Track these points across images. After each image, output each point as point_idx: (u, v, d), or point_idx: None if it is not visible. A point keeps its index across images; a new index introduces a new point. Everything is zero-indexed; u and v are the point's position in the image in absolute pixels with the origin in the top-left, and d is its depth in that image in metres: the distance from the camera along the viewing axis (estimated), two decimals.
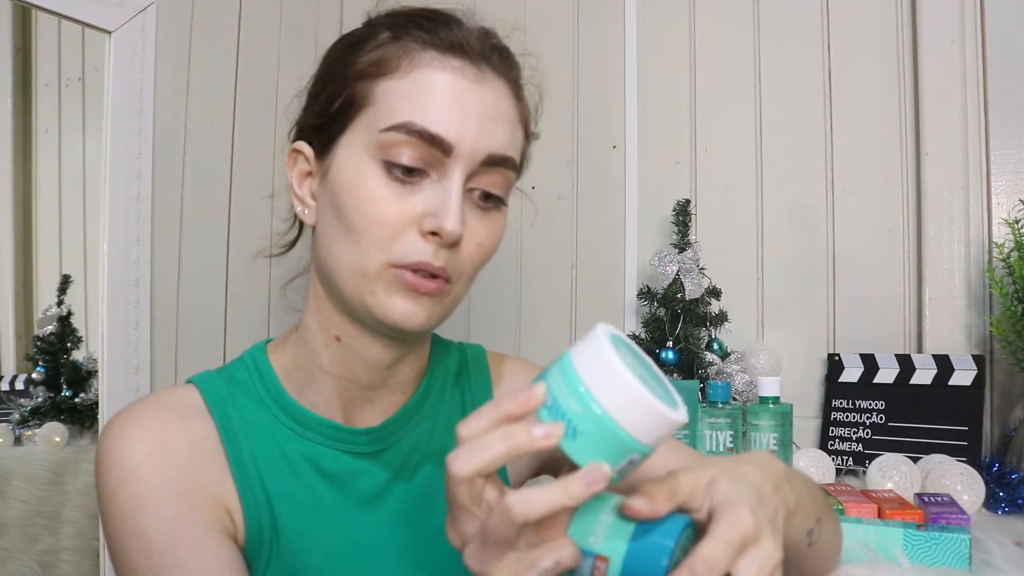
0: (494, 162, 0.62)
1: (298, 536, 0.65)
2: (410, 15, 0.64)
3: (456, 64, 0.61)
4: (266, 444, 0.66)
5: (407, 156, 0.60)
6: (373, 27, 0.65)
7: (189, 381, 0.68)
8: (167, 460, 0.60)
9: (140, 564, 0.58)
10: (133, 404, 0.64)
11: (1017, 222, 1.17)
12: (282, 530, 0.64)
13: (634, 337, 1.41)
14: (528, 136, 0.70)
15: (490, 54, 0.64)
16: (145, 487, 0.59)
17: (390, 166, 0.60)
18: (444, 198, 0.60)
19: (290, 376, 0.69)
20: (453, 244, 0.61)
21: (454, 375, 0.77)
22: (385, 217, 0.60)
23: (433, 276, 0.61)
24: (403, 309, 0.61)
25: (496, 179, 0.64)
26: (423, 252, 0.60)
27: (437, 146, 0.59)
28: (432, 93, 0.60)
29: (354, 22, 0.70)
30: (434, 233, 0.60)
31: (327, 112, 0.64)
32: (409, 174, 0.60)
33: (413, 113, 0.59)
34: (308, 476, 0.66)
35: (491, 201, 0.64)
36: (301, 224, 0.73)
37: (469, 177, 0.62)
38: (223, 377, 0.69)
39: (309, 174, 0.67)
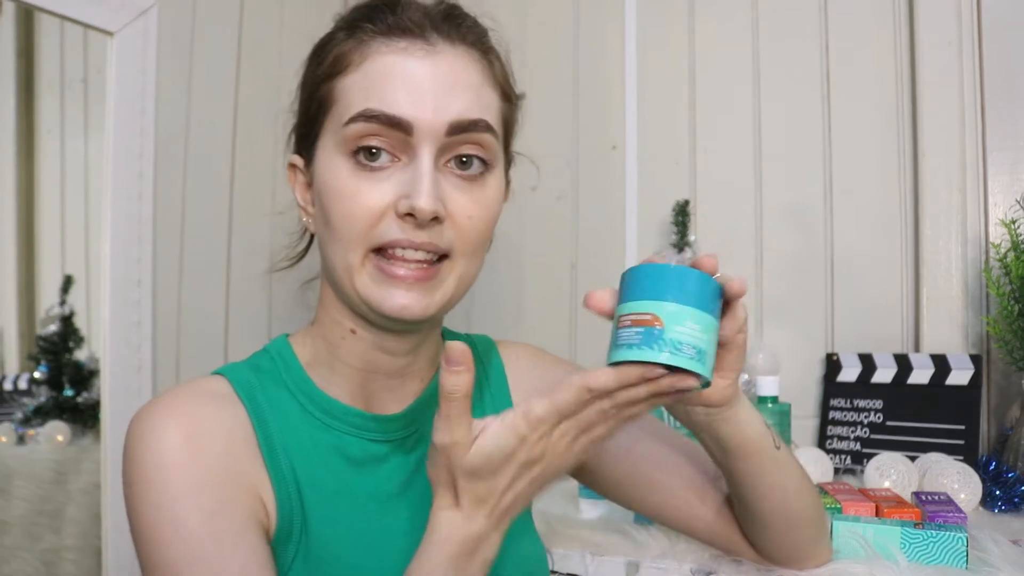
0: (461, 129, 0.61)
1: (326, 525, 0.65)
2: (359, 7, 0.66)
3: (402, 44, 0.62)
4: (295, 432, 0.66)
5: (371, 143, 0.60)
6: (334, 28, 0.67)
7: (215, 373, 0.68)
8: (205, 448, 0.59)
9: (176, 555, 0.57)
10: (164, 394, 0.63)
11: (1014, 222, 1.18)
12: (310, 519, 0.64)
13: None
14: (510, 98, 0.69)
15: (438, 24, 0.63)
16: (182, 476, 0.58)
17: (356, 157, 0.61)
18: (414, 178, 0.60)
19: (313, 368, 0.69)
20: (433, 220, 0.60)
21: None
22: (360, 208, 0.60)
23: (417, 262, 0.61)
24: (396, 302, 0.61)
25: (470, 147, 0.63)
26: (399, 231, 0.60)
27: (397, 127, 0.60)
28: (383, 78, 0.61)
29: None
30: (409, 214, 0.60)
31: (305, 120, 0.66)
32: (377, 161, 0.61)
33: (368, 100, 0.60)
34: (336, 465, 0.67)
35: (471, 168, 0.63)
36: (311, 235, 0.74)
37: (441, 152, 0.62)
38: (249, 366, 0.69)
39: (308, 185, 0.68)
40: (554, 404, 0.52)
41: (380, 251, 0.61)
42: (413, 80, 0.61)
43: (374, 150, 0.61)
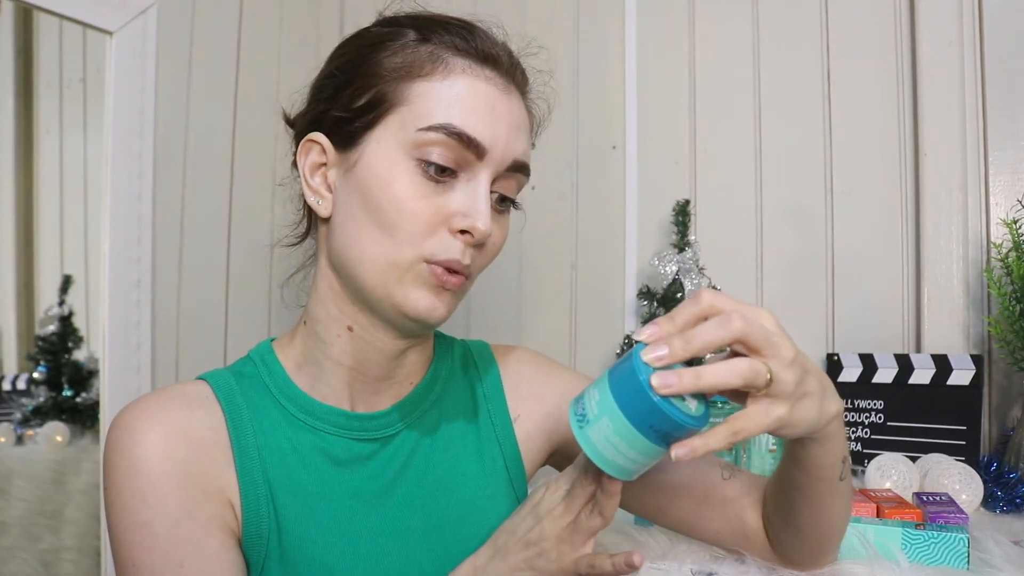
0: (517, 168, 0.67)
1: (303, 526, 0.65)
2: (440, 21, 0.67)
3: (489, 74, 0.65)
4: (274, 435, 0.67)
5: (442, 156, 0.63)
6: (396, 27, 0.67)
7: (199, 378, 0.69)
8: (174, 453, 0.61)
9: (142, 559, 0.59)
10: (141, 398, 0.65)
11: (1015, 222, 1.18)
12: (285, 521, 0.65)
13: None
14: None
15: (514, 69, 0.68)
16: (149, 481, 0.60)
17: (425, 165, 0.63)
18: (474, 199, 0.64)
19: (301, 369, 0.70)
20: (481, 243, 0.65)
21: (460, 367, 0.79)
22: (419, 213, 0.63)
23: (458, 272, 0.64)
24: (428, 303, 0.64)
25: (513, 184, 0.68)
26: (454, 250, 0.63)
27: (472, 149, 0.63)
28: (469, 99, 0.64)
29: (354, 24, 0.71)
30: (463, 231, 0.63)
31: (351, 107, 0.66)
32: (442, 173, 0.63)
33: (452, 115, 0.63)
34: (319, 466, 0.67)
35: (505, 204, 0.69)
36: (311, 215, 0.74)
37: (493, 180, 0.65)
38: (232, 372, 0.70)
39: (323, 165, 0.68)
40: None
41: (432, 262, 0.64)
42: (495, 110, 0.65)
43: (442, 159, 0.63)
